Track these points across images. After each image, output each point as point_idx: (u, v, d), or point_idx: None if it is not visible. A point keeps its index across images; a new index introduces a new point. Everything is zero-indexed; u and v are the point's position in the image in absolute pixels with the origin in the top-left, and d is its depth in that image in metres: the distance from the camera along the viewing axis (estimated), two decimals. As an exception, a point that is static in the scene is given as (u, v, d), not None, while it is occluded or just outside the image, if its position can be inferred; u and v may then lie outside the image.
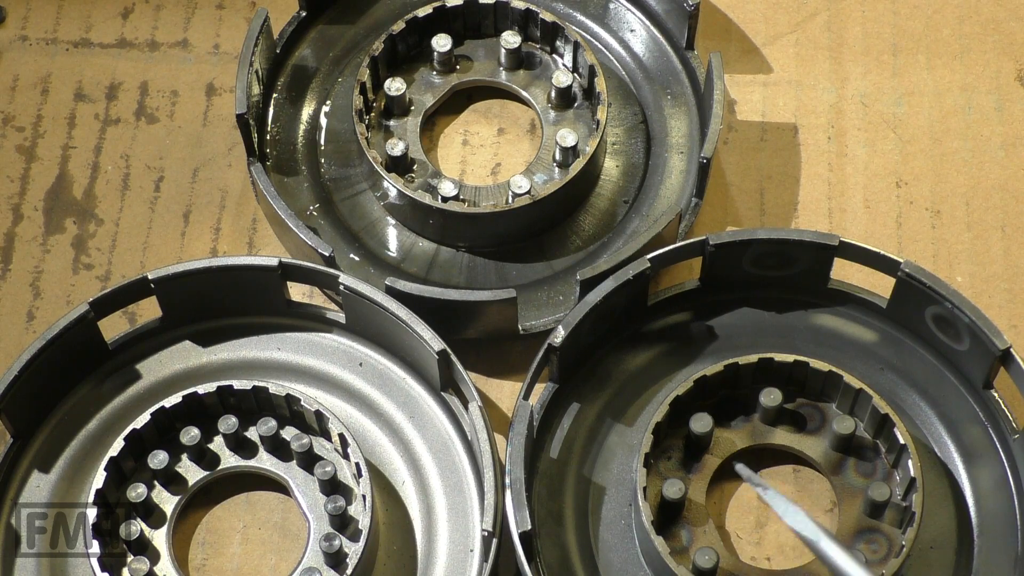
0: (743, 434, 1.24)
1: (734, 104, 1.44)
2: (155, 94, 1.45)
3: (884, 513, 1.20)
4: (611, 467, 1.25)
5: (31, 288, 1.36)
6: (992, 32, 1.48)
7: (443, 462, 1.25)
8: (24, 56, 1.47)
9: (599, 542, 1.22)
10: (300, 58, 1.44)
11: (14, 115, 1.44)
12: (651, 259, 1.24)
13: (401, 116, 1.39)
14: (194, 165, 1.41)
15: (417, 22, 1.39)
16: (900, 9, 1.49)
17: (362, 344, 1.29)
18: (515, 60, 1.41)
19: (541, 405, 1.24)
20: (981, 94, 1.45)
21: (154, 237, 1.38)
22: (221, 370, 1.29)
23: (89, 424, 1.26)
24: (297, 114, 1.42)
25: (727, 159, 1.41)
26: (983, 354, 1.20)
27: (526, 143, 1.42)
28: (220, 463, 1.24)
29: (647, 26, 1.44)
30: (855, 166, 1.41)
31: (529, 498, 1.17)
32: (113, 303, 1.24)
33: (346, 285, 1.23)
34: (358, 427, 1.26)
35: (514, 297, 1.24)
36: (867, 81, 1.45)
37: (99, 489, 1.17)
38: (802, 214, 1.39)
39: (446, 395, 1.25)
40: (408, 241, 1.36)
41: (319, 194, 1.38)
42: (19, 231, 1.39)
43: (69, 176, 1.41)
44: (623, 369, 1.29)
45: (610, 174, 1.39)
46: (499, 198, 1.35)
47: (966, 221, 1.38)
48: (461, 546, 1.21)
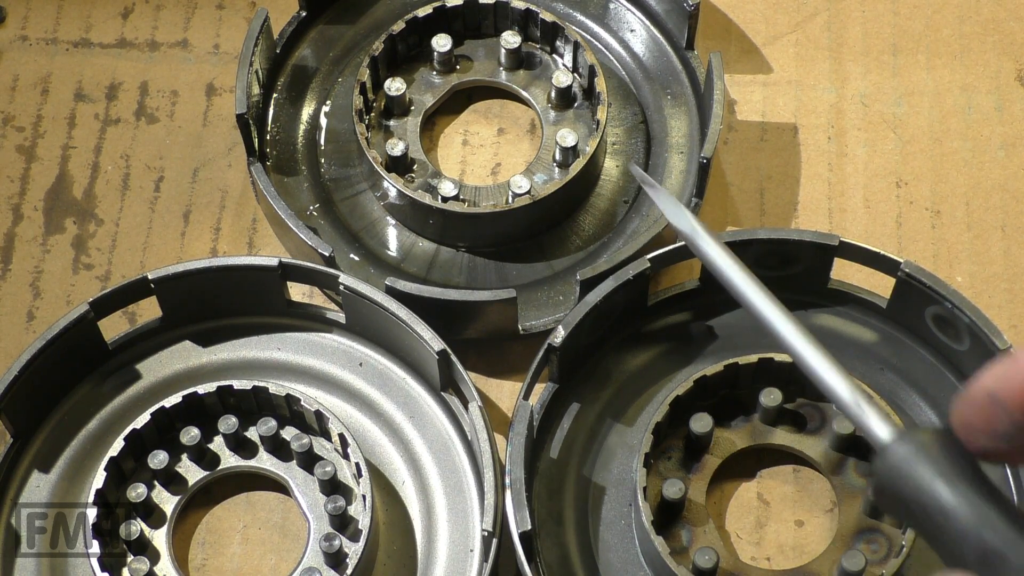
0: (743, 434, 1.24)
1: (734, 104, 1.44)
2: (155, 94, 1.45)
3: (884, 514, 1.20)
4: (611, 467, 1.25)
5: (31, 288, 1.36)
6: (992, 32, 1.48)
7: (443, 462, 1.25)
8: (24, 56, 1.47)
9: (599, 542, 1.22)
10: (300, 58, 1.44)
11: (14, 115, 1.44)
12: (651, 259, 1.24)
13: (401, 116, 1.39)
14: (194, 165, 1.41)
15: (417, 22, 1.39)
16: (900, 9, 1.49)
17: (362, 344, 1.29)
18: (515, 60, 1.41)
19: (541, 405, 1.24)
20: (981, 94, 1.45)
21: (154, 237, 1.38)
22: (221, 370, 1.29)
23: (89, 424, 1.26)
24: (297, 114, 1.42)
25: (727, 159, 1.41)
26: (983, 354, 1.20)
27: (526, 143, 1.42)
28: (220, 463, 1.24)
29: (647, 26, 1.45)
30: (855, 166, 1.41)
31: (529, 498, 1.17)
32: (113, 303, 1.24)
33: (346, 285, 1.23)
34: (358, 427, 1.26)
35: (514, 297, 1.24)
36: (867, 81, 1.46)
37: (99, 489, 1.17)
38: (802, 214, 1.39)
39: (446, 395, 1.25)
40: (408, 241, 1.36)
41: (319, 194, 1.38)
42: (19, 231, 1.39)
43: (69, 176, 1.41)
44: (623, 369, 1.29)
45: (610, 174, 1.39)
46: (499, 198, 1.35)
47: (966, 221, 1.38)
48: (461, 546, 1.21)
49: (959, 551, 0.61)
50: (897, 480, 0.64)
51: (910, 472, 0.63)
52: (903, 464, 0.64)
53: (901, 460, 0.64)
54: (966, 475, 0.63)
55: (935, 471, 0.63)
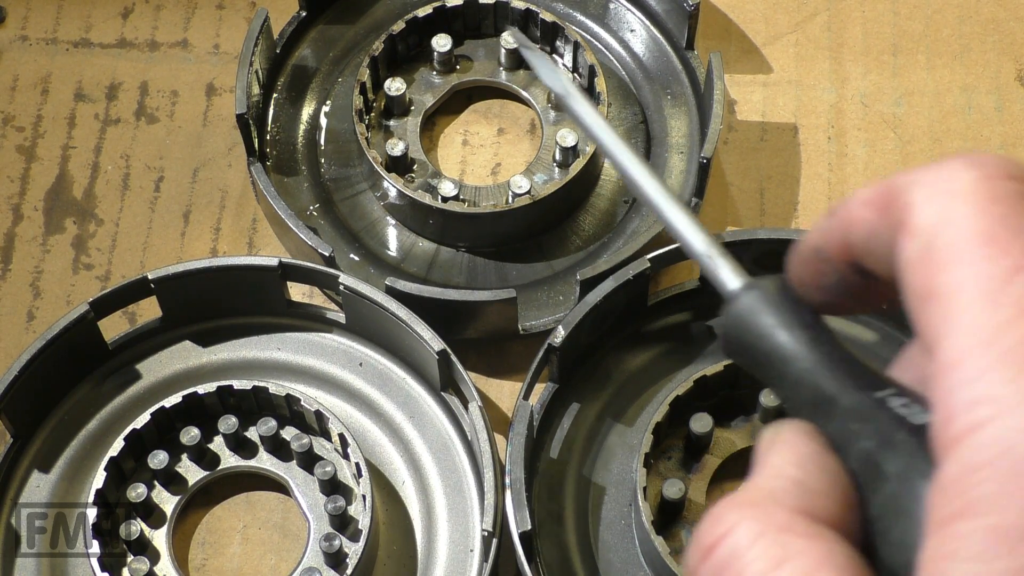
0: (743, 434, 1.24)
1: (734, 104, 1.44)
2: (155, 94, 1.45)
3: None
4: (611, 467, 1.25)
5: (31, 288, 1.36)
6: (992, 32, 1.48)
7: (443, 462, 1.25)
8: (24, 56, 1.47)
9: (599, 542, 1.22)
10: (300, 58, 1.44)
11: (14, 115, 1.44)
12: (651, 259, 1.24)
13: (401, 116, 1.39)
14: (194, 165, 1.41)
15: (417, 22, 1.39)
16: (900, 9, 1.49)
17: (362, 344, 1.29)
18: (515, 60, 1.41)
19: (541, 405, 1.24)
20: (981, 94, 1.45)
21: (154, 237, 1.38)
22: (221, 370, 1.29)
23: (89, 424, 1.26)
24: (297, 114, 1.41)
25: (727, 159, 1.41)
26: (983, 354, 1.20)
27: (526, 143, 1.42)
28: (220, 463, 1.24)
29: (647, 26, 1.44)
30: (855, 166, 1.41)
31: (529, 498, 1.17)
32: (113, 303, 1.24)
33: (346, 285, 1.23)
34: (358, 427, 1.26)
35: (514, 297, 1.24)
36: (867, 81, 1.45)
37: (99, 489, 1.17)
38: (802, 214, 1.39)
39: (446, 395, 1.25)
40: (408, 241, 1.36)
41: (319, 194, 1.38)
42: (19, 231, 1.39)
43: (69, 176, 1.41)
44: (623, 369, 1.29)
45: (610, 174, 1.39)
46: (499, 198, 1.35)
47: (966, 221, 1.38)
48: (461, 546, 1.21)
49: (798, 397, 0.61)
50: (742, 328, 0.64)
51: (754, 320, 0.63)
52: (747, 312, 0.63)
53: (745, 308, 0.64)
54: (805, 323, 0.63)
55: (777, 320, 0.63)
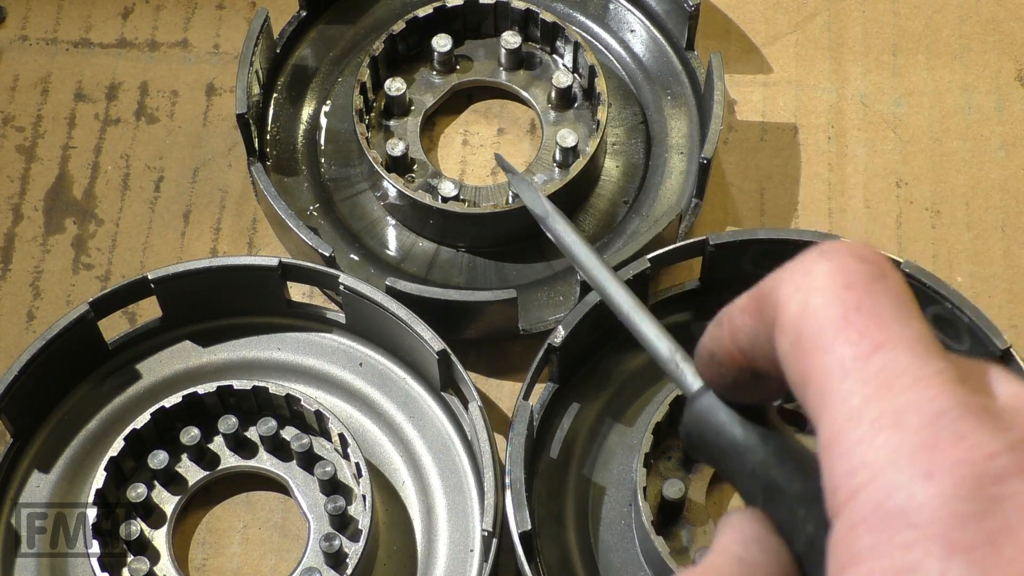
0: (743, 434, 1.24)
1: (734, 104, 1.44)
2: (155, 94, 1.45)
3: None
4: (611, 467, 1.25)
5: (31, 288, 1.36)
6: (992, 32, 1.48)
7: (443, 462, 1.25)
8: (24, 56, 1.47)
9: (599, 542, 1.22)
10: (300, 58, 1.44)
11: (14, 115, 1.44)
12: (651, 259, 1.24)
13: (401, 116, 1.39)
14: (194, 165, 1.41)
15: (417, 22, 1.39)
16: (900, 9, 1.49)
17: (362, 344, 1.29)
18: (515, 60, 1.41)
19: (541, 405, 1.24)
20: (981, 94, 1.45)
21: (154, 237, 1.38)
22: (221, 370, 1.29)
23: (89, 424, 1.26)
24: (297, 114, 1.41)
25: (727, 159, 1.41)
26: (983, 354, 1.20)
27: (526, 143, 1.42)
28: (220, 463, 1.24)
29: (647, 26, 1.44)
30: (855, 166, 1.41)
31: (529, 498, 1.17)
32: (113, 303, 1.24)
33: (346, 285, 1.23)
34: (358, 427, 1.26)
35: (514, 297, 1.24)
36: (867, 81, 1.45)
37: (99, 489, 1.17)
38: (802, 214, 1.39)
39: (446, 395, 1.25)
40: (408, 241, 1.36)
41: (319, 194, 1.38)
42: (19, 231, 1.39)
43: (69, 176, 1.41)
44: (623, 369, 1.29)
45: (610, 174, 1.39)
46: (499, 198, 1.35)
47: (966, 221, 1.38)
48: (461, 546, 1.21)
49: (753, 488, 0.66)
50: (702, 424, 0.69)
51: (712, 417, 0.68)
52: (706, 411, 0.69)
53: (704, 407, 0.69)
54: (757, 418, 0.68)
55: (731, 416, 0.68)
